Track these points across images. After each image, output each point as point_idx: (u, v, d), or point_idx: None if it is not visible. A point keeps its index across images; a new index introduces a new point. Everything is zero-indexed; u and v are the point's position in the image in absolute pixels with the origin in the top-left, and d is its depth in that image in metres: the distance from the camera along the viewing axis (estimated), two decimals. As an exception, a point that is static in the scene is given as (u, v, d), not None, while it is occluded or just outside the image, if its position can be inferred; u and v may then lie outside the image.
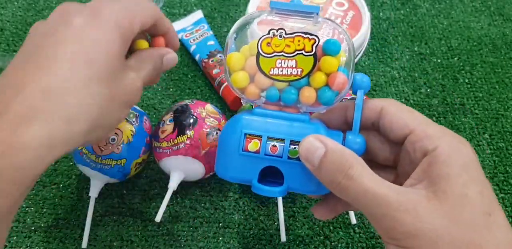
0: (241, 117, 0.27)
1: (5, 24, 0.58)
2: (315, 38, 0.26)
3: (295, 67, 0.27)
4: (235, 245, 0.41)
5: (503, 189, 0.45)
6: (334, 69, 0.27)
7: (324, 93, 0.27)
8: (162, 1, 0.59)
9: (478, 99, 0.52)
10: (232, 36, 0.28)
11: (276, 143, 0.27)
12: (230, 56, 0.28)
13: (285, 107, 0.28)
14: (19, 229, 0.42)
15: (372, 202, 0.22)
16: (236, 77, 0.28)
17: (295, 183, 0.27)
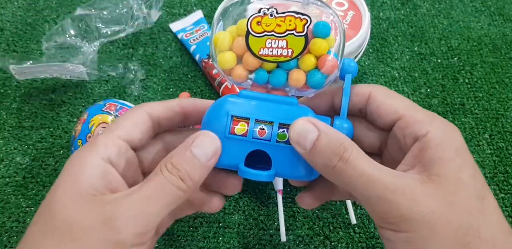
0: (227, 99, 0.26)
1: (5, 24, 0.58)
2: (307, 18, 0.25)
3: (286, 47, 0.26)
4: (235, 245, 0.41)
5: (503, 189, 0.45)
6: (324, 51, 0.26)
7: (314, 76, 0.26)
8: (162, 0, 0.59)
9: (478, 99, 0.52)
10: (219, 15, 0.27)
11: (264, 126, 0.25)
12: (217, 36, 0.27)
13: (272, 90, 0.27)
14: (19, 229, 0.42)
15: (367, 184, 0.21)
16: (223, 57, 0.26)
17: (283, 168, 0.26)
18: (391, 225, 0.22)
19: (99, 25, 0.56)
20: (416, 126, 0.23)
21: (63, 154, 0.47)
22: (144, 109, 0.26)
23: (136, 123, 0.26)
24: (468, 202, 0.21)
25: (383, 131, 0.27)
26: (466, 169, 0.22)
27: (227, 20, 0.27)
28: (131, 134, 0.25)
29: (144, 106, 0.27)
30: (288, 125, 0.25)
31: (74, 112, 0.50)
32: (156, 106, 0.27)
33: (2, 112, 0.50)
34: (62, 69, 0.49)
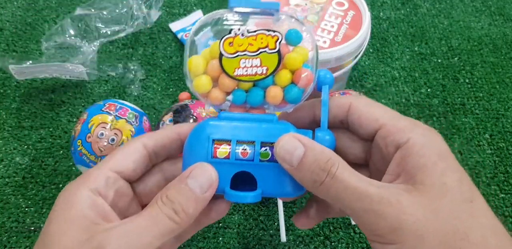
0: (207, 123, 0.26)
1: (5, 24, 0.58)
2: (278, 35, 0.26)
3: (260, 65, 0.26)
4: (235, 245, 0.41)
5: (504, 189, 0.45)
6: (298, 65, 0.26)
7: (291, 91, 0.26)
8: (161, 0, 0.59)
9: (479, 99, 0.52)
10: (191, 39, 0.27)
11: (246, 146, 0.25)
12: (191, 60, 0.27)
13: (251, 109, 0.28)
14: (19, 229, 0.42)
15: (353, 197, 0.21)
16: (199, 82, 0.26)
17: (270, 187, 0.25)
18: (380, 238, 0.22)
19: (98, 25, 0.56)
20: (397, 134, 0.23)
21: (63, 154, 0.47)
22: (139, 140, 0.27)
23: (129, 153, 0.26)
24: (454, 206, 0.21)
25: (366, 142, 0.27)
26: (451, 173, 0.22)
27: (199, 44, 0.27)
28: (123, 165, 0.26)
29: (140, 137, 0.27)
30: (270, 143, 0.25)
31: (73, 112, 0.50)
32: (151, 135, 0.28)
33: (1, 112, 0.50)
34: (61, 69, 0.49)
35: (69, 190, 0.24)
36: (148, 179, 0.28)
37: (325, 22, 0.44)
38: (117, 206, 0.26)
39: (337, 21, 0.44)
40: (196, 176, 0.24)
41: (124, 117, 0.41)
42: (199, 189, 0.24)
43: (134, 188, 0.27)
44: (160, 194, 0.24)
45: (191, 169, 0.24)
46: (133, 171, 0.26)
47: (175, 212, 0.23)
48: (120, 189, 0.26)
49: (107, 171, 0.25)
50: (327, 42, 0.42)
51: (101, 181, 0.25)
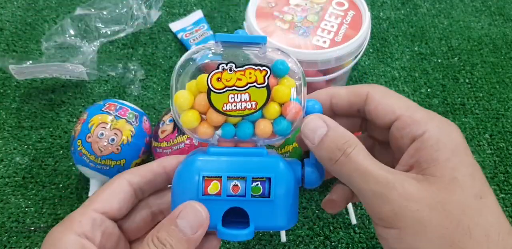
0: (196, 159, 0.26)
1: (5, 24, 0.58)
2: (267, 69, 0.26)
3: (249, 100, 0.26)
4: (235, 245, 0.41)
5: (504, 189, 0.45)
6: (287, 98, 0.26)
7: (280, 124, 0.26)
8: (161, 0, 0.59)
9: (479, 99, 0.52)
10: (177, 74, 0.27)
11: (237, 181, 0.25)
12: (177, 95, 0.26)
13: (240, 142, 0.27)
14: (19, 229, 0.42)
15: (363, 178, 0.22)
16: (186, 117, 0.26)
17: (262, 221, 0.25)
18: (383, 221, 0.22)
19: (98, 25, 0.56)
20: (413, 127, 0.23)
21: (63, 154, 0.47)
22: (123, 177, 0.27)
23: (114, 193, 0.26)
24: (462, 201, 0.21)
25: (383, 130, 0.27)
26: (463, 168, 0.22)
27: (185, 77, 0.27)
28: (108, 205, 0.26)
29: (124, 174, 0.27)
30: (261, 178, 0.25)
31: (73, 112, 0.50)
32: (135, 171, 0.27)
33: (1, 112, 0.50)
34: (61, 69, 0.49)
35: (55, 235, 0.24)
36: (135, 215, 0.28)
37: (325, 22, 0.44)
38: (105, 247, 0.25)
39: (337, 21, 0.44)
40: (186, 216, 0.24)
41: (124, 117, 0.41)
42: (190, 230, 0.24)
43: (121, 226, 0.27)
44: (150, 236, 0.24)
45: (180, 209, 0.24)
46: (119, 210, 0.26)
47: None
48: (107, 230, 0.26)
49: (93, 213, 0.25)
50: (327, 42, 0.42)
51: (87, 224, 0.25)
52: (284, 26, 0.43)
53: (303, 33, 0.43)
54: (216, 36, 0.27)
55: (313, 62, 0.41)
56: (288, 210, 0.26)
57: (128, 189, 0.27)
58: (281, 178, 0.25)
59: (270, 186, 0.25)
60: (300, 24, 0.43)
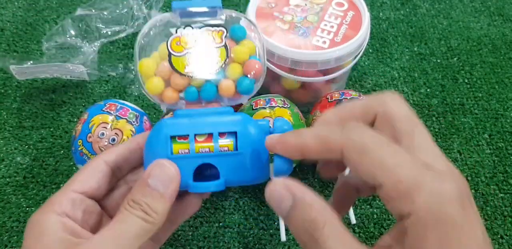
0: (163, 121, 0.26)
1: (6, 24, 0.58)
2: (223, 29, 0.26)
3: None
4: (235, 245, 0.41)
5: (503, 189, 0.45)
6: (246, 57, 0.27)
7: (242, 82, 0.27)
8: (162, 1, 0.59)
9: (478, 99, 0.52)
10: (139, 43, 0.27)
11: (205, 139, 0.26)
12: (141, 63, 0.27)
13: (206, 104, 0.28)
14: (19, 229, 0.42)
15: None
16: (151, 83, 0.27)
17: (232, 175, 0.25)
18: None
19: (99, 25, 0.56)
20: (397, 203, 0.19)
21: (64, 154, 0.47)
22: (99, 157, 0.27)
23: (91, 173, 0.27)
24: None
25: None
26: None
27: (148, 47, 0.28)
28: (86, 185, 0.26)
29: (100, 155, 0.28)
30: (228, 133, 0.25)
31: (74, 112, 0.50)
32: (110, 150, 0.28)
33: (2, 112, 0.50)
34: (62, 69, 0.49)
35: (36, 217, 0.24)
36: (115, 193, 0.28)
37: (325, 22, 0.44)
38: (88, 224, 0.26)
39: (337, 22, 0.44)
40: (156, 175, 0.24)
41: (124, 117, 0.41)
42: (162, 187, 0.24)
43: (103, 204, 0.28)
44: (125, 200, 0.24)
45: (150, 169, 0.25)
46: (97, 189, 0.27)
47: (145, 213, 0.24)
48: (87, 208, 0.26)
49: (71, 193, 0.26)
50: (327, 42, 0.42)
51: (67, 204, 0.25)
52: (284, 27, 0.43)
53: (303, 33, 0.43)
54: (173, 4, 0.27)
55: (313, 63, 0.41)
56: (256, 163, 0.26)
57: (105, 168, 0.27)
58: (247, 132, 0.25)
59: (237, 140, 0.25)
60: (300, 25, 0.43)
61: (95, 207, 0.27)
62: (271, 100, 0.41)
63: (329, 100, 0.43)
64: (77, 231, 0.24)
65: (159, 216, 0.24)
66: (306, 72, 0.44)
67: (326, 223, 0.19)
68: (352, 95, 0.42)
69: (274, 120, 0.28)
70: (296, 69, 0.43)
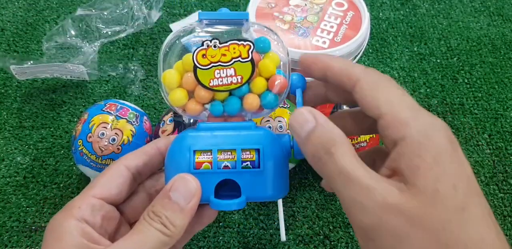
0: (186, 134, 0.26)
1: (6, 24, 0.58)
2: (250, 44, 0.26)
3: (235, 75, 0.26)
4: (235, 244, 0.41)
5: (503, 189, 0.45)
6: (272, 72, 0.27)
7: (266, 97, 0.27)
8: (162, 1, 0.59)
9: (478, 99, 0.52)
10: (163, 53, 0.28)
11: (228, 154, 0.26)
12: (165, 75, 0.27)
13: (229, 118, 0.28)
14: (20, 229, 0.42)
15: (343, 183, 0.21)
16: (174, 95, 0.27)
17: (253, 192, 0.26)
18: (361, 231, 0.21)
19: (99, 25, 0.56)
20: (395, 128, 0.21)
21: (64, 154, 0.47)
22: (120, 162, 0.27)
23: (111, 178, 0.27)
24: (443, 216, 0.19)
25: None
26: (445, 178, 0.20)
27: (172, 57, 0.28)
28: (106, 191, 0.26)
29: (120, 159, 0.28)
30: (251, 149, 0.26)
31: (74, 112, 0.51)
32: (131, 155, 0.28)
33: (3, 112, 0.50)
34: (62, 69, 0.49)
35: (56, 222, 0.25)
36: (133, 199, 0.28)
37: (325, 22, 0.44)
38: (107, 231, 0.26)
39: (337, 22, 0.44)
40: (178, 188, 0.24)
41: (124, 117, 0.41)
42: (183, 201, 0.24)
43: (121, 209, 0.28)
44: (146, 211, 0.24)
45: (172, 182, 0.25)
46: (118, 195, 0.27)
47: (164, 226, 0.24)
48: (107, 214, 0.26)
49: (91, 199, 0.26)
50: (327, 42, 0.42)
51: (87, 210, 0.25)
52: (284, 27, 0.43)
53: (302, 33, 0.43)
54: (200, 14, 0.27)
55: (312, 62, 0.41)
56: (278, 180, 0.26)
57: (125, 173, 0.27)
58: (269, 149, 0.26)
59: (260, 157, 0.25)
60: (300, 25, 0.44)
61: (114, 213, 0.27)
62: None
63: (329, 100, 0.43)
64: (94, 238, 0.25)
65: (178, 230, 0.24)
66: (306, 72, 0.44)
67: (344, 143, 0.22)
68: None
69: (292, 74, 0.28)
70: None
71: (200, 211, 0.28)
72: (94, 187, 0.26)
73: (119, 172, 0.27)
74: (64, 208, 0.25)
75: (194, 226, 0.28)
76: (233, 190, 0.26)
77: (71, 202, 0.26)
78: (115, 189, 0.26)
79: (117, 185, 0.27)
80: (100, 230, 0.25)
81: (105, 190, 0.26)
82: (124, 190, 0.27)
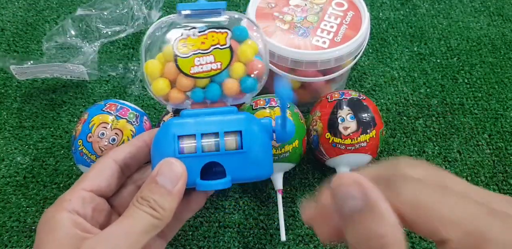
0: (170, 121, 0.27)
1: (6, 24, 0.58)
2: (227, 31, 0.27)
3: (214, 61, 0.27)
4: (235, 244, 0.41)
5: (503, 189, 0.45)
6: (250, 57, 0.28)
7: (246, 81, 0.28)
8: (162, 1, 0.59)
9: (478, 99, 0.52)
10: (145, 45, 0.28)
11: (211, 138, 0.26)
12: (147, 64, 0.28)
13: (212, 104, 0.29)
14: (20, 229, 0.42)
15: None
16: (157, 85, 0.27)
17: (238, 172, 0.26)
18: None
19: (99, 25, 0.56)
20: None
21: (64, 154, 0.47)
22: (108, 155, 0.28)
23: (100, 171, 0.27)
24: None
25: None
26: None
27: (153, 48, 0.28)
28: (96, 183, 0.27)
29: (108, 153, 0.28)
30: (233, 132, 0.26)
31: (74, 112, 0.51)
32: (118, 149, 0.29)
33: (3, 112, 0.50)
34: (62, 69, 0.49)
35: (48, 215, 0.25)
36: (122, 191, 0.29)
37: (325, 22, 0.44)
38: (98, 222, 0.27)
39: (337, 22, 0.44)
40: (164, 172, 0.25)
41: (124, 117, 0.41)
42: (170, 184, 0.25)
43: (112, 202, 0.28)
44: (135, 198, 0.25)
45: (158, 167, 0.25)
46: (107, 187, 0.27)
47: (153, 209, 0.24)
48: (97, 206, 0.27)
49: (81, 191, 0.26)
50: (327, 42, 0.42)
51: (77, 202, 0.26)
52: (284, 27, 0.43)
53: (302, 33, 0.43)
54: (178, 6, 0.28)
55: (312, 63, 0.41)
56: (261, 160, 0.27)
57: (113, 166, 0.28)
58: (251, 131, 0.26)
59: (242, 139, 0.26)
60: (300, 25, 0.44)
61: (104, 205, 0.28)
62: (271, 100, 0.41)
63: (329, 100, 0.43)
64: (86, 228, 0.25)
65: (167, 212, 0.24)
66: (306, 72, 0.44)
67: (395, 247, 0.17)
68: (352, 95, 0.42)
69: (276, 118, 0.28)
70: (296, 69, 0.43)
71: (188, 196, 0.29)
72: (83, 180, 0.27)
73: (107, 165, 0.28)
74: (56, 202, 0.26)
75: (183, 212, 0.29)
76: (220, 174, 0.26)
77: (62, 196, 0.26)
78: (104, 181, 0.27)
79: (106, 178, 0.27)
80: (92, 221, 0.26)
81: (94, 183, 0.27)
82: (113, 182, 0.28)
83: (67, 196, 0.26)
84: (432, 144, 0.48)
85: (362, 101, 0.42)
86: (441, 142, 0.49)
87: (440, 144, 0.48)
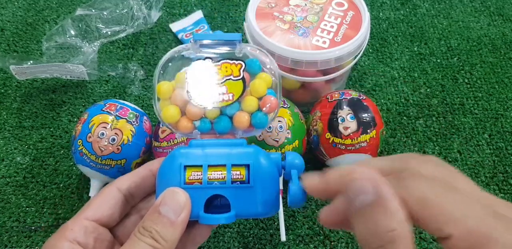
0: (178, 151, 0.26)
1: (6, 24, 0.58)
2: (242, 63, 0.27)
3: (226, 92, 0.27)
4: (235, 244, 0.41)
5: (503, 189, 0.45)
6: (263, 91, 0.28)
7: (257, 116, 0.28)
8: (162, 1, 0.59)
9: (478, 99, 0.52)
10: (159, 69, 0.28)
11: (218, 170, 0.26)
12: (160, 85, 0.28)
13: (221, 135, 0.28)
14: (19, 229, 0.42)
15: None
16: (167, 112, 0.27)
17: (243, 208, 0.26)
18: None
19: (99, 25, 0.56)
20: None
21: (64, 154, 0.47)
22: (112, 184, 0.27)
23: (104, 200, 0.27)
24: None
25: None
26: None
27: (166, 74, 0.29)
28: (99, 213, 0.26)
29: (114, 182, 0.28)
30: (241, 165, 0.26)
31: (74, 112, 0.50)
32: (123, 178, 0.28)
33: (2, 112, 0.50)
34: (62, 69, 0.49)
35: (49, 244, 0.25)
36: (126, 221, 0.28)
37: (325, 22, 0.44)
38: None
39: (337, 22, 0.44)
40: (167, 202, 0.24)
41: (124, 117, 0.41)
42: (173, 214, 0.24)
43: (115, 232, 0.28)
44: (136, 228, 0.24)
45: (162, 196, 0.25)
46: (110, 217, 0.27)
47: (155, 240, 0.23)
48: (99, 236, 0.26)
49: (84, 221, 0.26)
50: (327, 42, 0.42)
51: (79, 231, 0.25)
52: (284, 27, 0.43)
53: (303, 33, 0.43)
54: (194, 35, 0.28)
55: (313, 62, 0.41)
56: (268, 196, 0.26)
57: (117, 195, 0.27)
58: (259, 165, 0.26)
59: (249, 173, 0.25)
60: (300, 25, 0.43)
61: (107, 235, 0.27)
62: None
63: (329, 100, 0.43)
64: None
65: (169, 244, 0.24)
66: (306, 72, 0.44)
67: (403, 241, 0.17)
68: (352, 95, 0.42)
69: (286, 154, 0.27)
70: (296, 69, 0.43)
71: (192, 229, 0.28)
72: (86, 209, 0.26)
73: (111, 194, 0.27)
74: (59, 230, 0.26)
75: (186, 244, 0.28)
76: (226, 207, 0.26)
77: (65, 225, 0.26)
78: (108, 211, 0.26)
79: (110, 207, 0.27)
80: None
81: (97, 212, 0.26)
82: (116, 211, 0.27)
83: (70, 225, 0.26)
84: (432, 144, 0.48)
85: (362, 101, 0.42)
86: (441, 142, 0.49)
87: (440, 144, 0.48)
